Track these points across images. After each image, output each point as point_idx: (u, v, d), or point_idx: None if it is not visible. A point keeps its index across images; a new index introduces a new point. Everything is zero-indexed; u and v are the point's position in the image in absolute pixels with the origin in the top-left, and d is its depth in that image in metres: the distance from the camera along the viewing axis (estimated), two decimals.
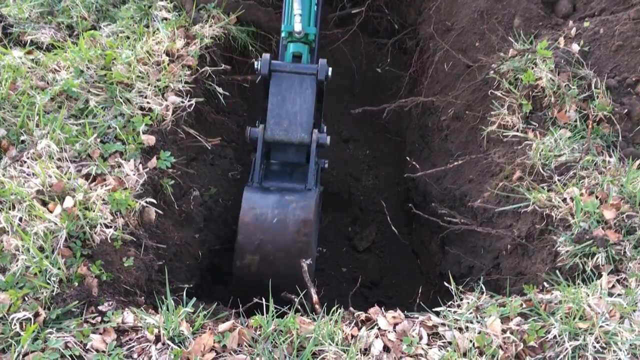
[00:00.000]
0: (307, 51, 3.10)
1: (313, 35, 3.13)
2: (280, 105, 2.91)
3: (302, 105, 2.92)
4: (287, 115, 2.91)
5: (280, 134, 2.89)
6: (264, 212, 2.65)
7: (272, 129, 2.88)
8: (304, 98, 2.92)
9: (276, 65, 2.95)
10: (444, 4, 4.03)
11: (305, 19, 3.10)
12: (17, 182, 2.33)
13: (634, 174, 2.56)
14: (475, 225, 3.00)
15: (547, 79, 2.97)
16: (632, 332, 1.97)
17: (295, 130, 2.89)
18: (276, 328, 1.98)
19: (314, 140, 2.87)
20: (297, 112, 2.91)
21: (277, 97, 2.92)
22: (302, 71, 2.96)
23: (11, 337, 1.87)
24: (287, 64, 3.00)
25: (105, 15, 3.49)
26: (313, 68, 2.95)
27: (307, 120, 2.91)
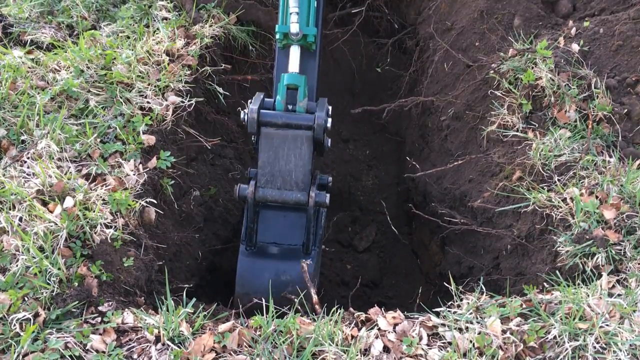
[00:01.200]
0: (304, 83, 2.63)
1: (313, 37, 2.70)
2: (272, 162, 2.59)
3: (297, 163, 2.60)
4: (281, 173, 2.60)
5: (273, 194, 2.61)
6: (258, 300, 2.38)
7: (263, 188, 2.61)
8: (299, 154, 2.59)
9: (266, 116, 2.56)
10: (443, 4, 4.02)
11: (303, 18, 2.67)
12: (17, 182, 2.33)
13: (634, 174, 2.56)
14: (475, 225, 3.00)
15: (547, 79, 2.97)
16: (632, 333, 1.97)
17: (290, 191, 2.61)
18: (276, 328, 1.98)
19: (311, 203, 2.59)
20: (291, 170, 2.61)
21: (268, 154, 2.59)
22: (297, 124, 2.57)
23: (11, 338, 1.87)
24: (278, 114, 2.58)
25: (105, 15, 3.49)
26: (309, 119, 2.56)
27: (304, 179, 2.61)
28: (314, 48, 2.80)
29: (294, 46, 2.67)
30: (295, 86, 2.61)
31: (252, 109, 2.54)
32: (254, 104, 2.57)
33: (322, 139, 2.62)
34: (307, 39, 2.69)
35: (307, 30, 2.67)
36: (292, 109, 2.61)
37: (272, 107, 2.62)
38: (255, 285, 2.53)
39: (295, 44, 2.67)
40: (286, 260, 2.63)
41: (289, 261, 2.61)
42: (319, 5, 2.83)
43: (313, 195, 2.59)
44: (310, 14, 2.71)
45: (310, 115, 2.59)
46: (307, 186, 2.62)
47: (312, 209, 2.61)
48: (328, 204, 2.64)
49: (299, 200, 2.61)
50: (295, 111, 2.61)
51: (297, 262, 2.52)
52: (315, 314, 2.24)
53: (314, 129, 2.56)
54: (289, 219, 2.72)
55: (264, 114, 2.56)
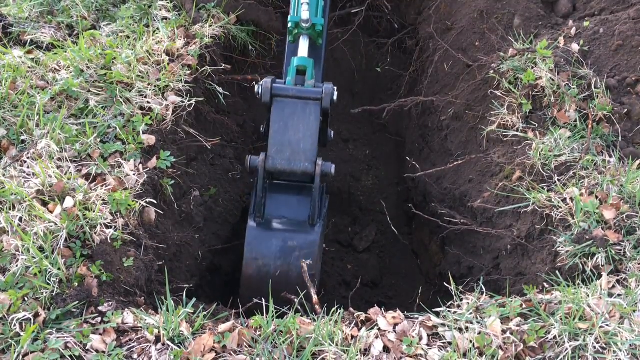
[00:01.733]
0: (312, 65, 2.88)
1: (320, 27, 2.97)
2: (282, 132, 2.76)
3: (305, 133, 2.76)
4: (290, 143, 2.75)
5: (283, 164, 2.74)
6: (267, 264, 2.62)
7: (273, 158, 2.74)
8: (308, 125, 2.76)
9: (278, 89, 2.77)
10: (444, 4, 4.02)
11: (312, 9, 2.96)
12: (17, 182, 2.33)
13: (634, 174, 2.56)
14: (475, 225, 3.00)
15: (547, 79, 2.97)
16: (632, 333, 1.97)
17: (299, 160, 2.74)
18: (276, 328, 1.98)
19: (318, 171, 2.72)
20: (300, 140, 2.76)
21: (279, 124, 2.76)
22: (306, 96, 2.77)
23: (11, 338, 1.87)
24: (289, 88, 2.79)
25: (105, 15, 3.49)
26: (317, 92, 2.77)
27: (311, 149, 2.76)
28: (321, 42, 3.08)
29: (303, 36, 2.95)
30: (304, 67, 2.86)
31: (266, 81, 2.77)
32: (266, 80, 2.78)
33: (329, 111, 2.81)
34: (315, 28, 2.96)
35: (316, 20, 2.95)
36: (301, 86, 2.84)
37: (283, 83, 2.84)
38: (263, 250, 2.66)
39: (305, 34, 2.95)
40: (293, 228, 2.77)
41: (296, 230, 2.76)
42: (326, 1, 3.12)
43: (320, 163, 2.72)
44: (319, 6, 3.03)
45: (318, 88, 2.80)
46: (314, 157, 2.76)
47: (318, 176, 2.73)
48: (334, 173, 2.77)
49: (306, 169, 2.74)
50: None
51: (303, 230, 2.75)
52: (315, 314, 2.24)
53: (322, 99, 2.76)
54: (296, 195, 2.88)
55: (276, 88, 2.77)
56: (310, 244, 2.71)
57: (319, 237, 2.77)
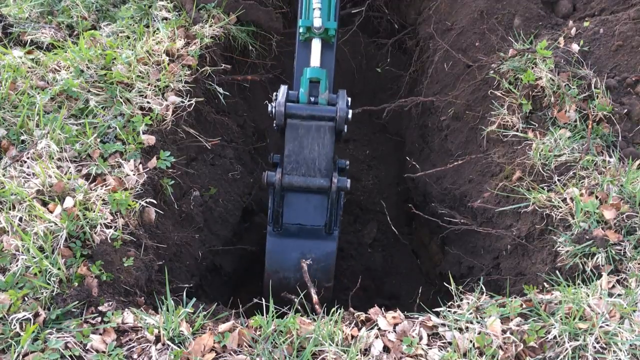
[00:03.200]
0: (325, 76, 2.81)
1: (333, 31, 2.90)
2: (297, 151, 2.77)
3: (320, 151, 2.77)
4: (305, 161, 2.78)
5: (299, 181, 2.77)
6: (287, 277, 2.74)
7: (289, 175, 2.78)
8: (322, 144, 2.77)
9: (292, 109, 2.72)
10: (443, 4, 4.03)
11: (325, 13, 2.88)
12: (17, 182, 2.33)
13: (634, 174, 2.56)
14: (475, 225, 3.00)
15: (547, 79, 2.97)
16: (632, 333, 1.97)
17: (314, 177, 2.78)
18: (276, 328, 1.98)
19: (334, 188, 2.74)
20: (315, 158, 2.78)
21: (294, 143, 2.76)
22: (320, 115, 2.73)
23: (11, 338, 1.87)
24: (303, 107, 2.74)
25: (105, 15, 3.49)
26: (331, 111, 2.72)
27: (326, 166, 2.79)
28: (333, 41, 3.00)
29: (315, 39, 2.88)
30: (318, 79, 2.78)
31: (279, 102, 2.70)
32: (281, 97, 2.73)
33: (343, 129, 2.76)
34: (328, 32, 2.89)
35: (328, 24, 2.88)
36: (315, 100, 2.79)
37: (296, 99, 2.78)
38: (283, 262, 2.76)
39: (317, 37, 2.88)
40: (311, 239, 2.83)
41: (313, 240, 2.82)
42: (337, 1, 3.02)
43: (335, 180, 2.74)
44: (331, 8, 2.94)
45: (332, 107, 2.75)
46: (329, 172, 2.79)
47: (334, 193, 2.76)
48: (349, 188, 2.78)
49: (322, 185, 2.77)
50: (318, 103, 2.78)
51: (320, 241, 2.82)
52: (315, 314, 2.24)
53: (336, 120, 2.72)
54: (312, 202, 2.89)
55: (290, 107, 2.72)
56: (328, 255, 2.81)
57: (336, 246, 2.84)
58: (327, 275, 2.81)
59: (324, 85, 2.80)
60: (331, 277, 2.84)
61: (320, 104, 2.78)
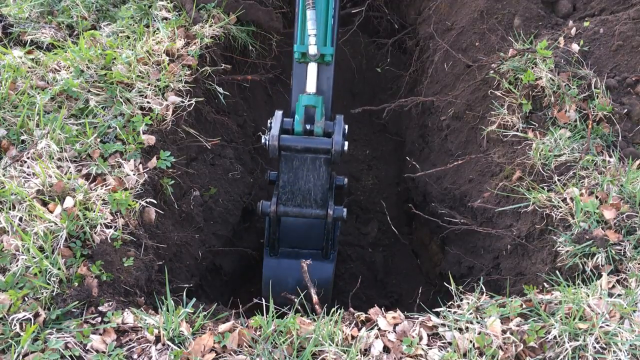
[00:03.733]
0: (321, 103, 2.77)
1: (330, 57, 2.82)
2: (292, 182, 2.77)
3: (315, 183, 2.77)
4: (301, 192, 2.79)
5: (294, 210, 2.79)
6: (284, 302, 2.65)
7: (284, 205, 2.80)
8: (318, 175, 2.76)
9: (286, 141, 2.70)
10: (443, 4, 4.02)
11: (320, 38, 2.79)
12: (17, 182, 2.33)
13: (634, 174, 2.56)
14: (475, 225, 3.00)
15: (547, 79, 2.97)
16: (632, 333, 1.97)
17: (309, 207, 2.79)
18: (276, 328, 1.98)
19: (330, 220, 2.77)
20: (310, 189, 2.79)
21: (289, 175, 2.76)
22: (315, 147, 2.72)
23: (11, 338, 1.87)
24: (297, 139, 2.72)
25: (105, 15, 3.49)
26: (327, 143, 2.69)
27: (322, 197, 2.79)
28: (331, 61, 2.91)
29: (311, 64, 2.79)
30: (313, 107, 2.74)
31: (273, 136, 2.66)
32: (274, 128, 2.68)
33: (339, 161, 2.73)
34: (324, 58, 2.80)
35: (324, 50, 2.79)
36: (310, 128, 2.75)
37: (291, 128, 2.75)
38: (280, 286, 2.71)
39: (313, 62, 2.78)
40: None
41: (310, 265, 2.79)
42: (335, 21, 2.93)
43: (331, 212, 2.76)
44: (327, 33, 2.84)
45: (327, 139, 2.71)
46: (325, 202, 2.80)
47: (330, 223, 2.78)
48: (345, 217, 2.80)
49: (318, 215, 2.80)
50: (314, 131, 2.74)
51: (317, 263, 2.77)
52: (315, 314, 2.24)
53: (331, 154, 2.69)
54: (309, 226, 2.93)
55: (284, 139, 2.69)
56: (325, 280, 2.83)
57: (333, 270, 2.86)
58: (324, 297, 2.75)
59: (320, 112, 2.76)
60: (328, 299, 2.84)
61: (316, 132, 2.74)
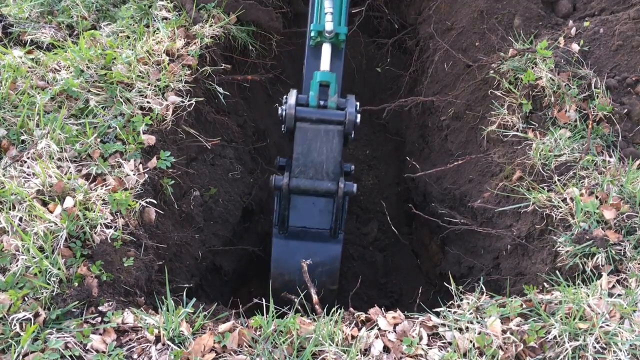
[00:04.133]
0: (334, 80, 2.86)
1: (344, 35, 2.93)
2: (305, 154, 2.80)
3: (328, 155, 2.81)
4: (313, 164, 2.81)
5: (306, 184, 2.81)
6: (292, 279, 2.76)
7: (297, 178, 2.81)
8: (331, 147, 2.80)
9: (301, 112, 2.78)
10: (444, 4, 4.02)
11: (336, 18, 2.91)
12: (17, 182, 2.33)
13: (634, 174, 2.56)
14: (475, 225, 3.00)
15: (547, 79, 2.97)
16: (632, 333, 1.97)
17: (322, 180, 2.82)
18: (276, 328, 1.98)
19: (340, 193, 2.78)
20: (323, 161, 2.81)
21: (303, 146, 2.80)
22: (329, 119, 2.79)
23: (11, 338, 1.87)
24: (312, 111, 2.79)
25: (105, 15, 3.49)
26: (340, 115, 2.77)
27: (334, 170, 2.82)
28: (342, 47, 3.03)
29: (326, 44, 2.91)
30: (327, 83, 2.83)
31: (290, 105, 2.75)
32: (290, 100, 2.77)
33: (351, 133, 2.80)
34: (338, 37, 2.92)
35: (339, 29, 2.92)
36: (324, 104, 2.83)
37: (305, 103, 2.82)
38: (288, 265, 2.79)
39: (328, 42, 2.91)
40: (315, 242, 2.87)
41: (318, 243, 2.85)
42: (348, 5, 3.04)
43: (342, 185, 2.77)
44: (342, 14, 2.96)
45: (341, 111, 2.79)
46: (337, 176, 2.82)
47: (341, 198, 2.79)
48: (355, 192, 2.80)
49: (329, 189, 2.80)
50: (327, 106, 2.82)
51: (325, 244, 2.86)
52: (315, 314, 2.24)
53: (344, 124, 2.76)
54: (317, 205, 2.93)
55: (300, 110, 2.77)
56: (333, 259, 2.84)
57: (341, 249, 2.87)
58: (332, 278, 2.83)
59: (334, 88, 2.83)
60: (336, 279, 2.87)
61: (330, 107, 2.81)
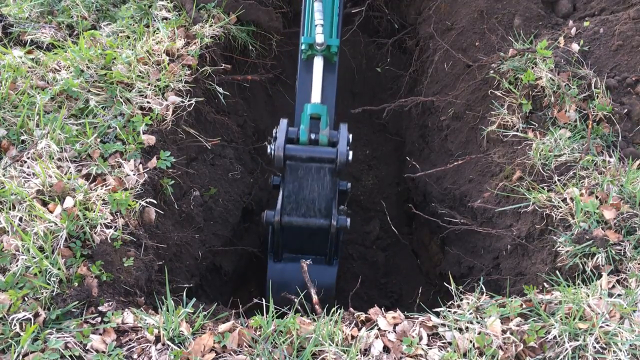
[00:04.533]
0: (326, 112, 2.80)
1: (336, 48, 2.87)
2: (297, 192, 2.76)
3: (320, 192, 2.77)
4: (305, 201, 2.78)
5: (298, 220, 2.80)
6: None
7: (289, 214, 2.80)
8: (322, 185, 2.75)
9: (291, 151, 2.71)
10: (444, 4, 4.02)
11: (327, 30, 2.86)
12: (17, 182, 2.33)
13: (634, 174, 2.56)
14: (475, 225, 3.00)
15: (547, 79, 2.97)
16: (632, 333, 1.97)
17: (314, 217, 2.80)
18: (276, 328, 1.98)
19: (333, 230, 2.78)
20: (315, 198, 2.78)
21: (294, 184, 2.75)
22: (320, 157, 2.73)
23: (11, 338, 1.87)
24: (302, 149, 2.73)
25: (105, 15, 3.49)
26: (331, 153, 2.70)
27: (326, 207, 2.79)
28: (335, 60, 2.96)
29: (317, 57, 2.85)
30: (318, 116, 2.78)
31: (279, 146, 2.67)
32: (280, 138, 2.68)
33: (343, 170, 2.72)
34: (330, 49, 2.86)
35: (330, 41, 2.86)
36: (315, 137, 2.76)
37: (296, 137, 2.76)
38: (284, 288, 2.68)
39: (319, 55, 2.85)
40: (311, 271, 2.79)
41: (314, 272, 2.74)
42: (340, 16, 3.00)
43: (334, 223, 2.77)
44: (333, 26, 2.92)
45: (332, 149, 2.71)
46: (329, 212, 2.79)
47: (334, 233, 2.78)
48: (349, 227, 2.80)
49: (321, 225, 2.80)
50: (319, 140, 2.75)
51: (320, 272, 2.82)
52: (315, 314, 2.24)
53: (336, 164, 2.69)
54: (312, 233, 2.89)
55: (289, 149, 2.70)
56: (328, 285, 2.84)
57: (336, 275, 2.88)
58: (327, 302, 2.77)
59: (325, 121, 2.78)
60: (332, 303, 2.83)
61: (321, 141, 2.76)
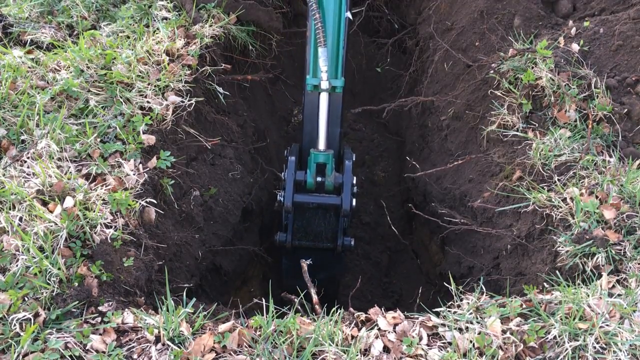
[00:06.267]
0: (331, 159, 3.00)
1: (340, 89, 2.95)
2: (305, 227, 3.09)
3: (326, 227, 3.09)
4: (313, 232, 3.10)
5: (307, 244, 3.12)
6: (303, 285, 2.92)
7: (299, 240, 3.13)
8: (328, 222, 3.08)
9: (299, 199, 3.02)
10: (443, 4, 4.03)
11: (331, 72, 2.89)
12: (17, 182, 2.33)
13: (634, 173, 2.56)
14: (475, 225, 3.00)
15: (547, 79, 2.97)
16: (632, 333, 1.97)
17: (321, 241, 3.12)
18: (276, 328, 1.98)
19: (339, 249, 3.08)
20: (322, 231, 3.10)
21: (302, 222, 3.09)
22: (326, 203, 3.03)
23: (11, 338, 1.87)
24: (309, 197, 3.03)
25: (105, 15, 3.49)
26: (336, 200, 3.00)
27: (332, 236, 3.09)
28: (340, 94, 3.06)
29: (323, 94, 2.91)
30: (324, 164, 3.00)
31: (287, 197, 2.98)
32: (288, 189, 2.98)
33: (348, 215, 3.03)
34: (335, 90, 2.93)
35: (335, 82, 2.91)
36: (322, 180, 3.03)
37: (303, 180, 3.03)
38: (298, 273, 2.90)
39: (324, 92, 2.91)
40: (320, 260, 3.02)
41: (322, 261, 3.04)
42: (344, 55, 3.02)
43: (339, 244, 3.08)
44: (338, 66, 2.94)
45: (337, 197, 3.02)
46: (335, 238, 3.10)
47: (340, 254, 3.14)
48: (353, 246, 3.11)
49: (328, 247, 3.13)
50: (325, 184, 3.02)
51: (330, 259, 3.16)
52: (315, 314, 2.24)
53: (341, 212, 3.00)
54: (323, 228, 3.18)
55: (297, 198, 3.02)
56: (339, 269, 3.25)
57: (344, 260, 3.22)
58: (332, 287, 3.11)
59: (330, 168, 3.01)
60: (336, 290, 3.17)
61: (327, 185, 3.02)
